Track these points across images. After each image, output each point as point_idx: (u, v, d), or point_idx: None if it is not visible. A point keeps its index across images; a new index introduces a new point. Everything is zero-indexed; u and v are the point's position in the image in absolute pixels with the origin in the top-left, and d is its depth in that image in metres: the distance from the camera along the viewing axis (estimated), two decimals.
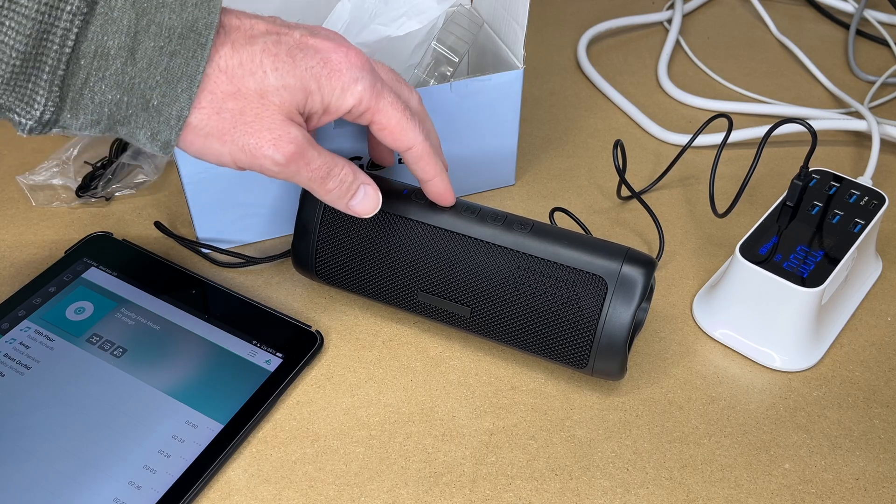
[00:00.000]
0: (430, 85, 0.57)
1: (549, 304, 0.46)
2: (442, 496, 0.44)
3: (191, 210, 0.55)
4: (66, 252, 0.55)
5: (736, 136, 0.67)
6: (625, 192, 0.62)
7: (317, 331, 0.51)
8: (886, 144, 0.67)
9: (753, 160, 0.53)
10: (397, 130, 0.44)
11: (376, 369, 0.50)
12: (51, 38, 0.34)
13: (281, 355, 0.49)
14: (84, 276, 0.53)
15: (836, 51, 0.81)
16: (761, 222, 0.53)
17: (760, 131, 0.67)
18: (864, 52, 0.81)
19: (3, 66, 0.34)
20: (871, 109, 0.73)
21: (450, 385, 0.49)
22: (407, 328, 0.52)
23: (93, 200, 0.60)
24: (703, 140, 0.67)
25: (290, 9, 0.62)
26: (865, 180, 0.58)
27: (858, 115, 0.70)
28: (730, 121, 0.57)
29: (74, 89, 0.36)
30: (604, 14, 0.84)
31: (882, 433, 0.47)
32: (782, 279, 0.48)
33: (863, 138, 0.70)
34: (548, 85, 0.75)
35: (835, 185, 0.55)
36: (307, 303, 0.54)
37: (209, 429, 0.45)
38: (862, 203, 0.54)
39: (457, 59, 0.58)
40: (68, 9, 0.34)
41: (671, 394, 0.49)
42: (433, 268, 0.47)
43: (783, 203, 0.54)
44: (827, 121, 0.68)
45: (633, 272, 0.45)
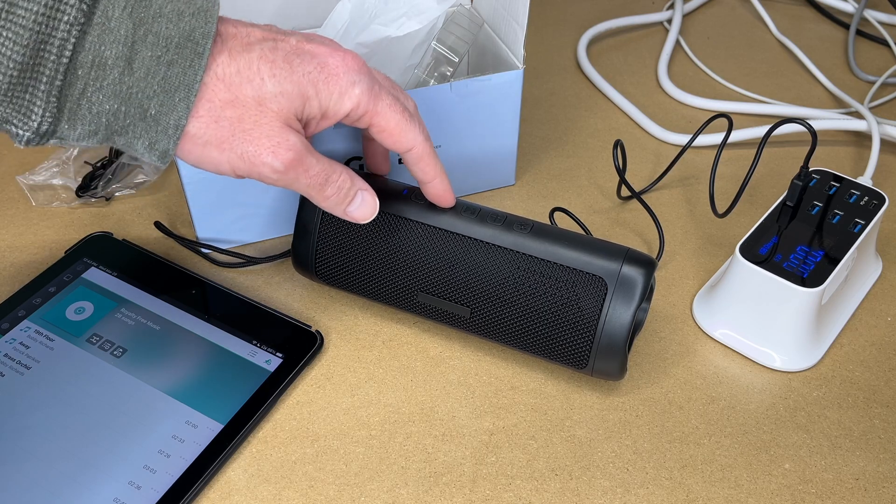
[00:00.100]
0: (430, 85, 0.57)
1: (549, 305, 0.46)
2: (442, 496, 0.44)
3: (191, 210, 0.55)
4: (66, 252, 0.55)
5: (736, 136, 0.67)
6: (625, 192, 0.62)
7: (317, 331, 0.51)
8: (886, 144, 0.67)
9: (753, 160, 0.53)
10: (397, 132, 0.44)
11: (376, 369, 0.50)
12: (48, 48, 0.34)
13: (281, 355, 0.49)
14: (84, 276, 0.53)
15: (836, 51, 0.81)
16: (761, 222, 0.53)
17: (760, 131, 0.67)
18: (864, 52, 0.81)
19: (0, 77, 0.34)
20: (871, 109, 0.73)
21: (450, 385, 0.49)
22: (407, 328, 0.52)
23: (93, 200, 0.60)
24: (703, 140, 0.67)
25: (290, 9, 0.62)
26: (865, 180, 0.58)
27: (858, 115, 0.70)
28: (730, 121, 0.57)
29: (72, 100, 0.36)
30: (604, 14, 0.84)
31: (882, 433, 0.47)
32: (782, 279, 0.48)
33: (863, 138, 0.70)
34: (548, 85, 0.75)
35: (835, 185, 0.55)
36: (307, 303, 0.54)
37: (209, 429, 0.45)
38: (862, 203, 0.54)
39: (457, 59, 0.58)
40: (65, 19, 0.34)
41: (671, 394, 0.49)
42: (433, 268, 0.47)
43: (783, 203, 0.54)
44: (827, 121, 0.68)
45: (633, 272, 0.45)
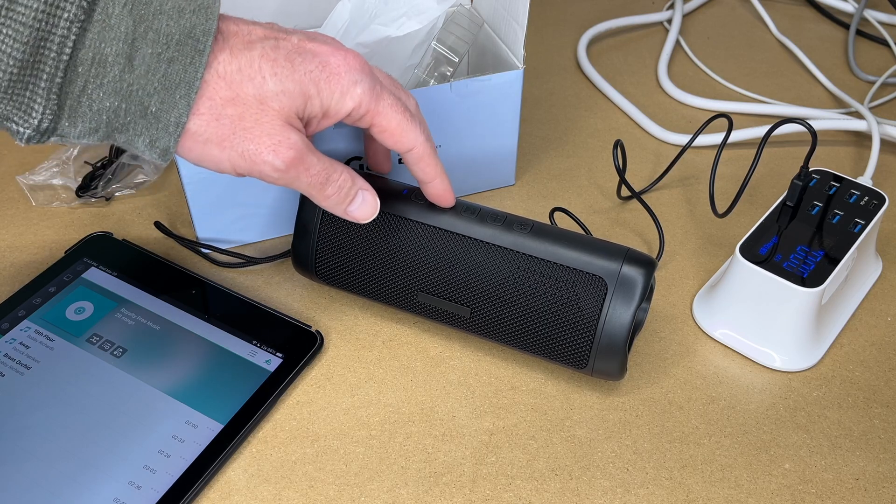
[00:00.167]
0: (430, 85, 0.57)
1: (548, 305, 0.46)
2: (442, 496, 0.44)
3: (191, 210, 0.55)
4: (66, 252, 0.55)
5: (736, 136, 0.67)
6: (625, 192, 0.62)
7: (317, 331, 0.51)
8: (886, 144, 0.67)
9: (753, 160, 0.53)
10: (398, 132, 0.44)
11: (376, 369, 0.50)
12: (48, 45, 0.34)
13: (281, 355, 0.49)
14: (84, 276, 0.53)
15: (836, 51, 0.81)
16: (761, 222, 0.53)
17: (760, 131, 0.67)
18: (864, 52, 0.81)
19: (1, 74, 0.34)
20: (871, 109, 0.73)
21: (450, 385, 0.49)
22: (407, 328, 0.52)
23: (93, 200, 0.60)
24: (703, 140, 0.67)
25: (290, 8, 0.62)
26: (865, 180, 0.58)
27: (858, 115, 0.70)
28: (730, 121, 0.57)
29: (72, 97, 0.36)
30: (604, 14, 0.84)
31: (882, 433, 0.47)
32: (782, 279, 0.48)
33: (863, 138, 0.70)
34: (548, 85, 0.75)
35: (835, 185, 0.55)
36: (307, 303, 0.54)
37: (209, 429, 0.45)
38: (862, 203, 0.54)
39: (457, 59, 0.58)
40: (65, 16, 0.34)
41: (671, 394, 0.49)
42: (433, 268, 0.47)
43: (783, 203, 0.54)
44: (827, 121, 0.68)
45: (633, 272, 0.45)
